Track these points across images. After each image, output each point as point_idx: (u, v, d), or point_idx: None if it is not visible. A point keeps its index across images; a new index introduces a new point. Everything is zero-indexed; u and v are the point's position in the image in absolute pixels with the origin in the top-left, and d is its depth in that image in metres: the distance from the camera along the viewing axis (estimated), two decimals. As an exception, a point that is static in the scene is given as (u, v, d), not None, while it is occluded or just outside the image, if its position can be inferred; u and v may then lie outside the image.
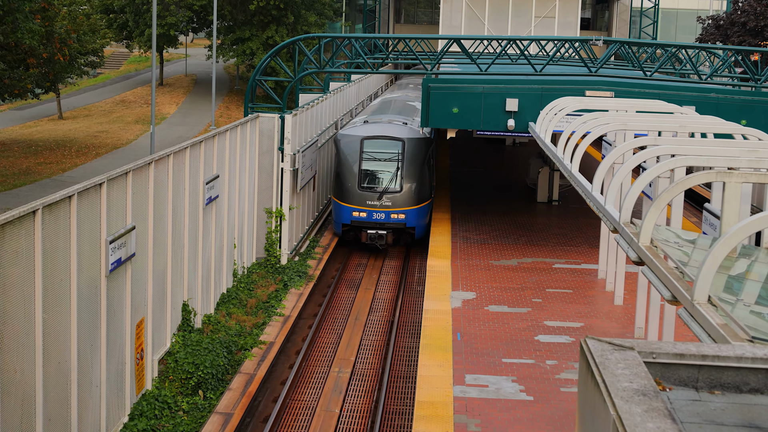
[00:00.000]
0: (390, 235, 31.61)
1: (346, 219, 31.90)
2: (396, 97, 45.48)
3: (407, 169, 31.72)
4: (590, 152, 41.82)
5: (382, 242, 31.55)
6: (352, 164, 31.87)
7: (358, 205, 31.54)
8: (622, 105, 23.14)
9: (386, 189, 31.57)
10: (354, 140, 32.45)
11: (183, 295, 22.02)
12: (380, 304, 27.27)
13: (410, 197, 31.59)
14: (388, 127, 33.26)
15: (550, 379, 18.27)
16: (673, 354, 5.70)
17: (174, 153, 20.73)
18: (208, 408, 19.40)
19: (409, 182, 31.64)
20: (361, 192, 31.60)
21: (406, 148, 31.92)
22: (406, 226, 31.67)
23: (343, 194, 31.92)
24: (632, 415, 4.65)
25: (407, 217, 31.58)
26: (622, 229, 12.29)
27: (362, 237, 31.74)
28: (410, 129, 33.37)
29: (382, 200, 31.44)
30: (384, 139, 32.33)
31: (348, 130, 33.75)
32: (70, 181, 41.01)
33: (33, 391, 13.91)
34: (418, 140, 32.43)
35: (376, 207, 31.45)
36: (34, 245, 13.77)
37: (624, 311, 22.67)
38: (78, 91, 78.78)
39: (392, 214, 31.46)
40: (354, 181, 31.68)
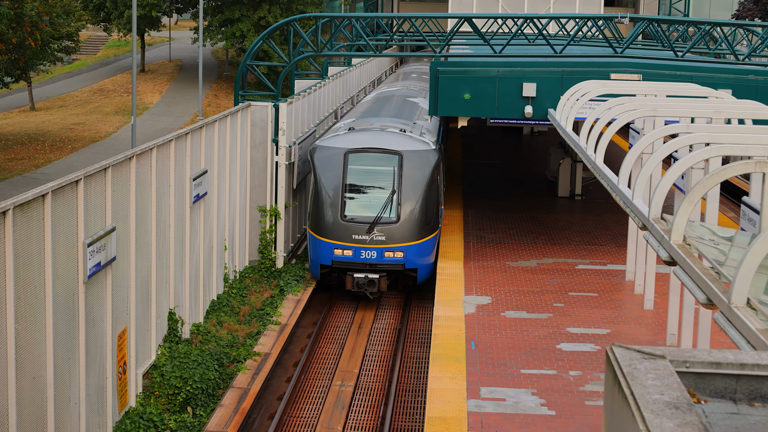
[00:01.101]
0: (384, 280, 26.67)
1: (326, 258, 26.95)
2: (394, 92, 40.79)
3: (406, 192, 27.02)
4: (616, 141, 41.85)
5: (373, 289, 26.66)
6: (332, 187, 27.14)
7: (342, 241, 26.79)
8: (651, 89, 23.12)
9: (378, 219, 26.71)
10: (335, 155, 27.66)
11: (169, 303, 22.06)
12: (386, 311, 27.30)
13: (411, 229, 26.89)
14: (380, 137, 28.40)
15: (573, 391, 18.29)
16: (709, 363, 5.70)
17: (158, 146, 20.76)
18: (198, 426, 19.43)
19: (408, 210, 26.91)
20: (344, 223, 26.81)
21: (405, 164, 27.30)
22: (405, 267, 26.86)
23: (321, 226, 27.10)
24: (664, 430, 4.65)
25: (407, 256, 26.77)
26: (652, 226, 12.30)
27: (347, 283, 26.73)
28: (410, 138, 28.49)
29: (373, 234, 26.66)
30: (375, 152, 27.72)
31: (327, 141, 28.76)
32: (44, 178, 41.06)
33: (5, 409, 13.94)
34: (420, 154, 27.78)
35: (365, 243, 26.66)
36: (4, 249, 13.80)
37: (655, 316, 22.68)
38: (51, 79, 78.89)
39: (387, 252, 26.68)
40: (335, 209, 26.95)
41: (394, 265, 26.76)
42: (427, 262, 27.41)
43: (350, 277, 26.63)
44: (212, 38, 74.54)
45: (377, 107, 35.14)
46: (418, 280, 27.24)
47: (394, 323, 26.38)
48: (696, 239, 11.19)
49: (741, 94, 25.82)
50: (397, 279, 27.45)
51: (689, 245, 10.99)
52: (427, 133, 30.04)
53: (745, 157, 13.30)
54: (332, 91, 40.18)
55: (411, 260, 26.79)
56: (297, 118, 31.84)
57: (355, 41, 39.38)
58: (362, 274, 26.59)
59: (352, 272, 26.67)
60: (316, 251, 27.27)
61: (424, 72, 49.19)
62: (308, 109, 34.08)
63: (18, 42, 49.60)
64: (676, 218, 11.20)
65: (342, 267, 26.91)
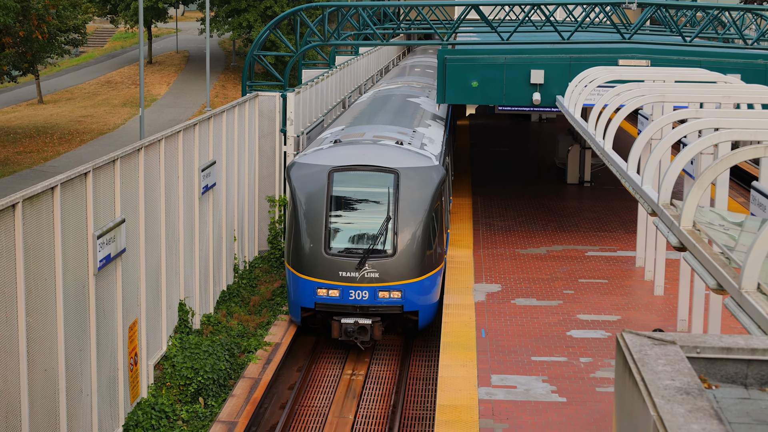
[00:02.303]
0: (378, 326, 22.34)
1: (307, 300, 22.65)
2: (393, 90, 36.01)
3: (404, 218, 22.64)
4: (625, 127, 41.79)
5: (364, 338, 22.31)
6: (314, 213, 22.73)
7: (326, 279, 22.42)
8: (660, 74, 23.07)
9: (371, 252, 22.43)
10: (317, 173, 23.16)
11: (179, 294, 22.11)
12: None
13: (410, 264, 22.54)
14: (372, 151, 23.77)
15: (584, 378, 18.29)
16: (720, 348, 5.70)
17: (166, 138, 20.79)
18: (210, 416, 19.48)
19: (407, 240, 22.58)
20: (329, 257, 22.45)
21: (402, 184, 22.87)
22: (404, 309, 22.62)
23: (300, 261, 22.71)
24: (675, 415, 4.66)
25: (406, 296, 22.52)
26: (662, 212, 12.28)
27: (333, 330, 22.41)
28: (408, 153, 23.94)
29: (364, 270, 22.32)
30: (366, 170, 23.18)
31: (308, 156, 24.11)
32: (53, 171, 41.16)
33: (18, 401, 13.99)
34: (420, 171, 23.29)
35: (354, 281, 22.33)
36: (14, 242, 13.83)
37: (665, 302, 22.67)
38: (59, 72, 78.97)
39: (381, 292, 22.33)
40: (318, 241, 22.57)
41: (390, 307, 22.45)
42: (430, 302, 23.08)
43: (336, 323, 22.25)
44: (219, 29, 74.54)
45: (371, 111, 30.83)
46: (419, 324, 22.99)
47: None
48: (706, 224, 11.17)
49: (750, 78, 25.74)
50: (394, 323, 23.25)
51: (699, 231, 10.98)
52: (430, 143, 26.07)
53: (754, 142, 13.28)
54: (340, 80, 40.17)
55: (411, 301, 22.57)
56: (305, 108, 31.84)
57: (362, 30, 39.34)
58: (351, 319, 22.21)
59: (339, 317, 22.35)
60: (295, 291, 22.86)
61: (428, 65, 47.41)
62: (316, 98, 34.08)
63: (25, 35, 49.63)
64: (686, 204, 11.18)
65: (327, 310, 22.63)
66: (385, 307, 22.46)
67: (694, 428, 4.53)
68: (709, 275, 9.74)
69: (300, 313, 22.88)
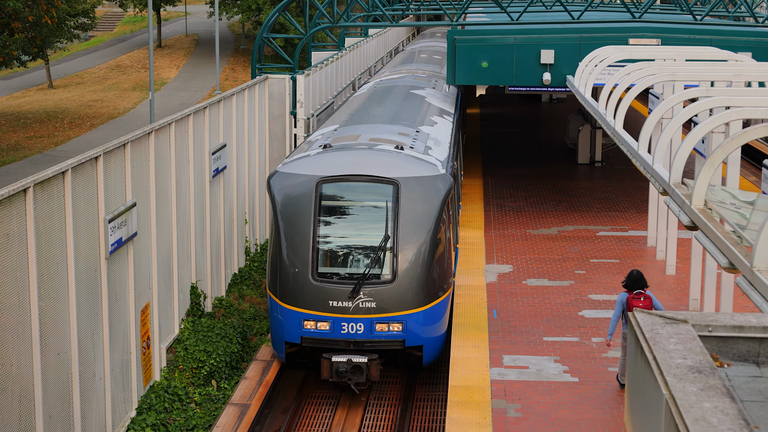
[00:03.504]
0: (375, 365, 18.90)
1: (292, 334, 19.18)
2: (395, 81, 32.27)
3: (405, 237, 19.15)
4: (635, 107, 41.68)
5: (359, 379, 18.84)
6: (299, 231, 19.23)
7: (314, 309, 18.92)
8: (670, 53, 22.99)
9: (366, 277, 18.86)
10: (303, 185, 19.63)
11: (191, 277, 22.16)
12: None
13: (412, 291, 19.01)
14: (367, 157, 20.19)
15: (596, 358, 18.30)
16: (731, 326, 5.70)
17: (176, 121, 20.80)
18: (223, 399, 19.55)
19: (409, 263, 19.07)
20: (317, 284, 18.89)
21: (403, 197, 19.36)
22: (406, 345, 19.11)
23: (284, 288, 19.18)
24: (687, 394, 4.66)
25: (408, 329, 18.97)
26: (673, 191, 12.26)
27: (322, 370, 18.93)
28: (410, 159, 20.38)
29: (358, 299, 18.82)
30: (360, 181, 19.72)
31: (292, 164, 20.41)
32: (63, 155, 41.23)
33: (31, 386, 14.05)
34: (424, 182, 19.79)
35: (347, 312, 18.83)
36: (26, 227, 13.87)
37: (677, 281, 22.64)
38: (68, 56, 79.03)
39: (379, 325, 18.88)
40: (304, 264, 19.01)
41: (389, 342, 19.01)
42: (437, 335, 19.53)
43: (326, 362, 18.83)
44: (228, 12, 74.48)
45: (369, 107, 27.15)
46: (424, 360, 19.45)
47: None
48: (717, 203, 11.14)
49: (761, 56, 25.65)
50: (395, 359, 19.99)
51: (710, 210, 10.96)
52: (435, 146, 22.30)
53: (766, 120, 13.22)
54: (349, 62, 40.13)
55: (414, 334, 19.06)
56: (315, 90, 31.82)
57: (372, 11, 39.28)
58: (344, 356, 18.83)
59: (330, 354, 18.93)
60: (278, 323, 19.38)
61: (436, 51, 45.22)
62: (326, 80, 34.04)
63: (34, 20, 49.65)
64: (697, 183, 11.15)
65: (315, 346, 19.21)
66: (383, 342, 18.96)
67: (706, 406, 4.54)
68: (720, 254, 9.73)
69: (284, 349, 19.38)
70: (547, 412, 16.14)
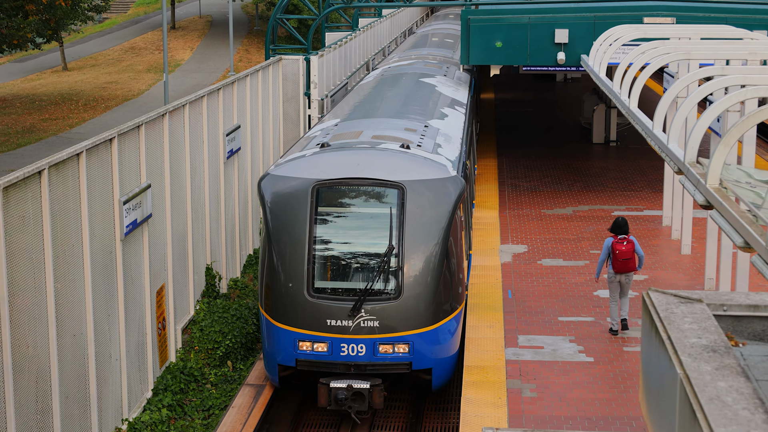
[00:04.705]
0: (378, 392, 16.78)
1: (286, 357, 17.17)
2: (404, 68, 30.36)
3: (412, 248, 17.06)
4: (650, 86, 41.52)
5: (361, 407, 16.76)
6: (293, 242, 17.15)
7: (310, 329, 16.92)
8: (685, 32, 22.88)
9: (368, 293, 16.84)
10: (297, 189, 17.57)
11: (206, 259, 22.20)
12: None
13: (420, 307, 16.98)
14: (369, 158, 18.11)
15: (611, 338, 18.30)
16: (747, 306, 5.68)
17: (190, 102, 20.81)
18: (238, 380, 19.61)
19: (416, 276, 17.01)
20: (314, 301, 16.88)
21: (410, 202, 17.31)
22: (413, 368, 17.05)
23: (277, 305, 17.23)
24: (701, 373, 4.65)
25: (415, 350, 16.93)
26: (688, 170, 12.21)
27: (319, 396, 16.83)
28: (417, 159, 18.35)
29: (359, 317, 16.77)
30: (361, 185, 17.64)
31: (285, 167, 18.32)
32: (78, 137, 41.29)
33: (48, 367, 14.12)
34: (433, 185, 17.72)
35: (347, 332, 16.81)
36: (41, 209, 13.92)
37: (692, 261, 22.60)
38: (83, 38, 79.08)
39: (382, 346, 16.86)
40: (299, 279, 16.98)
41: (394, 365, 16.95)
42: (447, 356, 17.45)
43: (324, 388, 16.72)
44: (242, -7, 74.40)
45: (374, 98, 24.94)
46: (433, 385, 17.37)
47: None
48: (732, 182, 11.10)
49: (777, 34, 25.48)
50: (399, 383, 18.04)
51: (726, 188, 10.91)
52: (446, 143, 20.40)
53: (781, 98, 13.16)
54: (363, 42, 40.06)
55: (422, 356, 16.98)
56: (329, 71, 31.78)
57: (385, -8, 39.17)
58: (344, 382, 16.70)
59: (328, 379, 16.81)
60: (271, 344, 17.39)
61: (448, 34, 43.27)
62: (339, 61, 34.00)
63: (48, 2, 49.69)
64: (712, 161, 11.11)
65: (312, 370, 17.15)
66: (387, 365, 16.91)
67: (721, 386, 4.53)
68: (736, 233, 9.69)
69: (278, 372, 17.37)
70: (562, 391, 16.15)
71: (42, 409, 13.97)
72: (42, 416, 13.97)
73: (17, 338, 13.19)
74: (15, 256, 13.18)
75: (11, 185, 13.08)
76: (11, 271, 13.04)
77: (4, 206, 12.87)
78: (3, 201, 12.81)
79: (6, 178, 13.09)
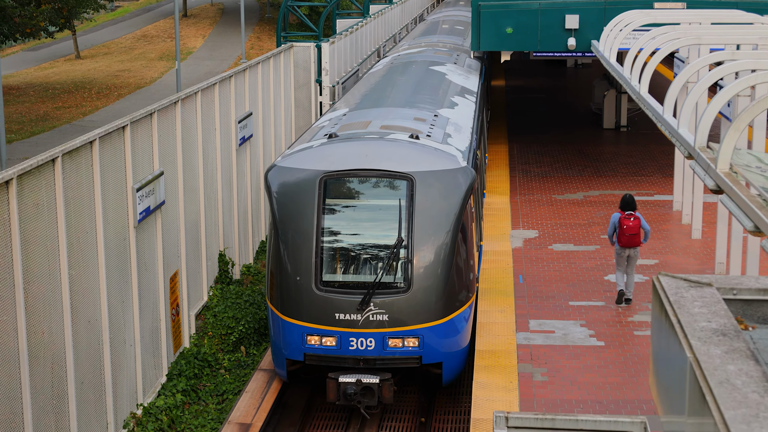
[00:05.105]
0: (388, 386, 16.47)
1: (295, 351, 16.81)
2: (414, 56, 29.81)
3: (422, 240, 16.64)
4: (660, 71, 41.39)
5: (370, 401, 16.44)
6: (301, 235, 16.73)
7: (318, 323, 16.55)
8: (696, 17, 22.81)
9: (377, 286, 16.41)
10: (304, 181, 17.12)
11: (219, 245, 22.24)
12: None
13: (430, 300, 16.59)
14: (378, 148, 17.60)
15: (622, 322, 18.29)
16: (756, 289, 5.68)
17: (202, 90, 20.83)
18: (251, 365, 19.66)
19: (425, 269, 16.59)
20: (322, 294, 16.51)
21: (419, 194, 16.85)
22: (423, 362, 16.68)
23: (285, 299, 16.85)
24: (711, 357, 4.65)
25: (425, 343, 16.53)
26: (698, 155, 12.19)
27: (328, 391, 16.57)
28: (426, 150, 17.79)
29: (368, 311, 16.39)
30: (369, 176, 17.15)
31: (292, 158, 17.85)
32: (91, 125, 41.36)
33: (63, 353, 14.18)
34: (443, 176, 17.24)
35: (356, 326, 16.45)
36: (55, 196, 13.96)
37: (703, 245, 22.56)
38: (95, 27, 79.14)
39: (392, 340, 16.50)
40: (306, 272, 16.58)
41: (403, 359, 16.59)
42: (458, 349, 17.02)
43: (333, 383, 16.45)
44: (253, -20, 74.31)
45: (383, 87, 24.43)
46: (444, 378, 16.95)
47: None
48: (743, 167, 11.07)
49: (787, 19, 25.37)
50: (409, 377, 17.76)
51: (736, 173, 10.89)
52: (456, 132, 19.87)
53: (791, 83, 13.11)
54: (374, 29, 40.00)
55: (432, 349, 16.59)
56: (340, 58, 31.76)
57: (396, -22, 39.11)
58: (353, 376, 16.39)
59: (337, 374, 16.52)
60: (279, 338, 17.00)
61: (458, 21, 42.71)
62: (351, 48, 33.97)
63: (61, -10, 49.73)
64: (723, 146, 11.08)
65: (320, 364, 16.81)
66: (397, 359, 16.58)
67: (731, 369, 4.53)
68: (746, 217, 9.68)
69: (286, 366, 17.02)
70: (573, 375, 16.16)
71: (58, 394, 14.03)
72: (58, 401, 14.04)
73: (33, 324, 13.24)
74: (30, 244, 13.23)
75: (25, 173, 13.12)
76: (26, 258, 13.09)
77: (19, 194, 12.91)
78: (17, 189, 12.85)
79: (20, 166, 13.12)
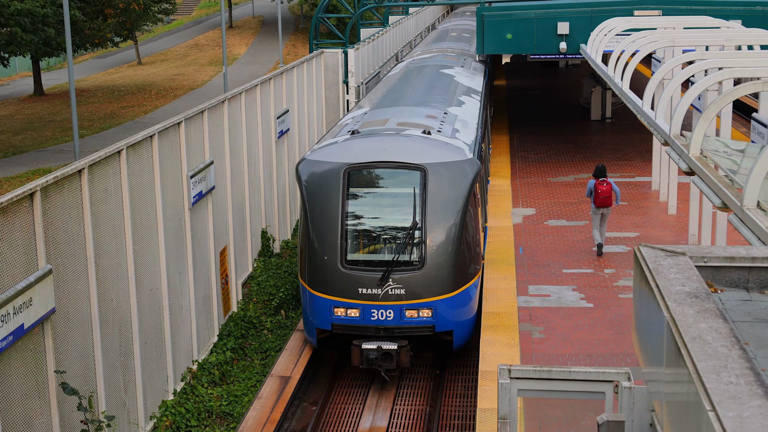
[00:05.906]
0: (405, 352, 16.54)
1: (323, 321, 16.93)
2: (426, 61, 29.33)
3: (434, 223, 16.66)
4: (640, 70, 41.10)
5: (390, 365, 16.51)
6: (327, 219, 16.81)
7: (343, 297, 16.65)
8: (670, 22, 22.65)
9: (395, 264, 16.49)
10: (330, 172, 17.14)
11: (261, 223, 22.26)
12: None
13: (442, 277, 16.62)
14: (395, 143, 17.56)
15: (608, 286, 18.23)
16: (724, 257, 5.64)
17: (246, 91, 20.80)
18: (290, 326, 19.70)
19: (438, 249, 16.62)
20: (346, 272, 16.58)
21: (431, 183, 16.83)
22: (436, 330, 16.74)
23: (314, 275, 16.92)
24: (685, 316, 4.62)
25: (438, 314, 16.63)
26: (673, 142, 12.11)
27: (353, 357, 16.58)
28: (437, 144, 17.73)
29: (387, 286, 16.49)
30: (387, 167, 17.14)
31: (320, 152, 17.88)
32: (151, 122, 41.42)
33: (129, 317, 14.24)
34: (452, 167, 17.17)
35: (376, 299, 16.53)
36: (121, 183, 13.99)
37: (677, 220, 22.44)
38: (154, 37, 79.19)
39: (408, 311, 16.58)
40: (333, 252, 16.69)
41: (419, 328, 16.67)
42: (467, 318, 17.07)
43: (357, 349, 16.49)
44: (288, -4, 74.11)
45: (400, 89, 24.09)
46: (454, 344, 17.07)
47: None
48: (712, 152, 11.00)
49: (750, 23, 25.18)
50: (424, 344, 17.62)
51: (706, 157, 10.82)
52: (463, 128, 19.75)
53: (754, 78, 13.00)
54: (393, 37, 39.88)
55: (444, 319, 16.67)
56: (363, 62, 31.68)
57: (411, -8, 38.93)
58: (374, 343, 16.46)
59: (360, 341, 16.56)
60: (311, 310, 17.10)
61: (465, 29, 42.31)
62: (373, 53, 33.87)
63: (124, 6, 49.79)
64: (694, 134, 11.01)
65: (346, 333, 16.88)
66: (413, 328, 16.62)
67: (702, 326, 4.50)
68: (715, 195, 9.62)
69: (316, 335, 17.14)
70: (566, 333, 16.13)
71: (125, 353, 14.10)
72: (125, 358, 14.10)
73: (103, 293, 13.29)
74: (99, 224, 13.27)
75: (95, 163, 13.14)
76: (97, 236, 13.13)
77: (90, 181, 12.93)
78: (89, 176, 12.87)
79: (91, 157, 13.15)
